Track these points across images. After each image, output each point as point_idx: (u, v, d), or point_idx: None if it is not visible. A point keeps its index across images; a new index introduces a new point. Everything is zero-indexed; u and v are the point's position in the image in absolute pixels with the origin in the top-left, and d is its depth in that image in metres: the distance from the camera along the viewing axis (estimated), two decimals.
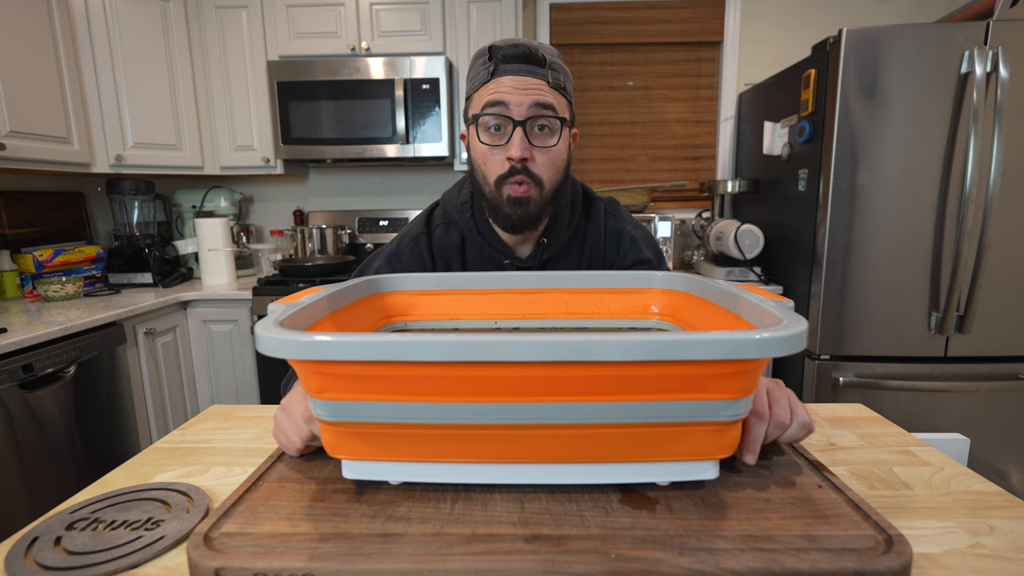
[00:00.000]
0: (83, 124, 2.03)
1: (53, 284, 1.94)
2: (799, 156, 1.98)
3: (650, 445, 0.49)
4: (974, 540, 0.50)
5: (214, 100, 2.39)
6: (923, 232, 1.76)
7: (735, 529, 0.46)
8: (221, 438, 0.76)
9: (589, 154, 2.78)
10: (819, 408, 0.85)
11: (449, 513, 0.49)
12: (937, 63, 1.68)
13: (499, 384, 0.45)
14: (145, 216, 2.33)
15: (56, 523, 0.53)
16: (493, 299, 0.80)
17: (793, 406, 0.58)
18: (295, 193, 2.82)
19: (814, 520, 0.47)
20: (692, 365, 0.43)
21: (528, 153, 0.81)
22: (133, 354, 1.89)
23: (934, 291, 1.79)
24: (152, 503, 0.57)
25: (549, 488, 0.53)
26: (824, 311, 1.85)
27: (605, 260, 0.97)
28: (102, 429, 1.74)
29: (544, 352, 0.42)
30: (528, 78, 0.81)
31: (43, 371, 1.51)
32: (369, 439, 0.50)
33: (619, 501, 0.51)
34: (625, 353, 0.41)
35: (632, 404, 0.46)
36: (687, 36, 2.64)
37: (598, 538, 0.45)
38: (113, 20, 2.08)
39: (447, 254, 0.96)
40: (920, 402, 1.85)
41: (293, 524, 0.48)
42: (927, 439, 0.79)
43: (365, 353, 0.42)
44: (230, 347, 2.22)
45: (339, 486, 0.55)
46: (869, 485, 0.60)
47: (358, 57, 2.29)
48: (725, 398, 0.46)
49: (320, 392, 0.47)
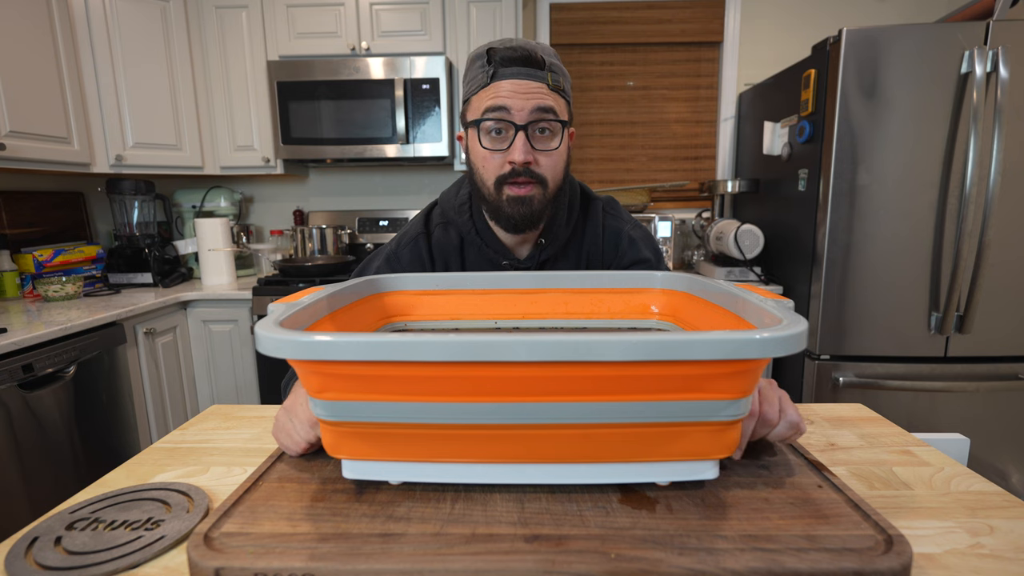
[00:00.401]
0: (83, 124, 2.03)
1: (53, 284, 1.94)
2: (799, 156, 1.98)
3: (650, 445, 0.49)
4: (974, 540, 0.50)
5: (214, 100, 2.39)
6: (923, 232, 1.76)
7: (735, 529, 0.46)
8: (221, 438, 0.76)
9: (589, 154, 2.78)
10: (819, 408, 0.85)
11: (449, 513, 0.49)
12: (937, 63, 1.68)
13: (499, 384, 0.45)
14: (145, 216, 2.33)
15: (56, 523, 0.53)
16: (493, 299, 0.80)
17: (783, 405, 0.59)
18: (295, 193, 2.82)
19: (814, 520, 0.47)
20: (692, 365, 0.43)
21: (531, 157, 0.82)
22: (133, 354, 1.89)
23: (934, 291, 1.79)
24: (152, 503, 0.57)
25: (549, 488, 0.53)
26: (824, 311, 1.85)
27: (603, 260, 0.97)
28: (102, 429, 1.74)
29: (544, 352, 0.42)
30: (528, 81, 0.80)
31: (43, 371, 1.51)
32: (369, 439, 0.50)
33: (619, 501, 0.51)
34: (625, 353, 0.41)
35: (632, 404, 0.46)
36: (687, 36, 2.64)
37: (598, 538, 0.45)
38: (113, 20, 2.08)
39: (446, 254, 0.97)
40: (920, 402, 1.85)
41: (293, 524, 0.48)
42: (927, 439, 0.79)
43: (365, 353, 0.42)
44: (230, 347, 2.22)
45: (339, 486, 0.55)
46: (869, 485, 0.60)
47: (358, 57, 2.29)
48: (725, 398, 0.46)
49: (320, 392, 0.47)
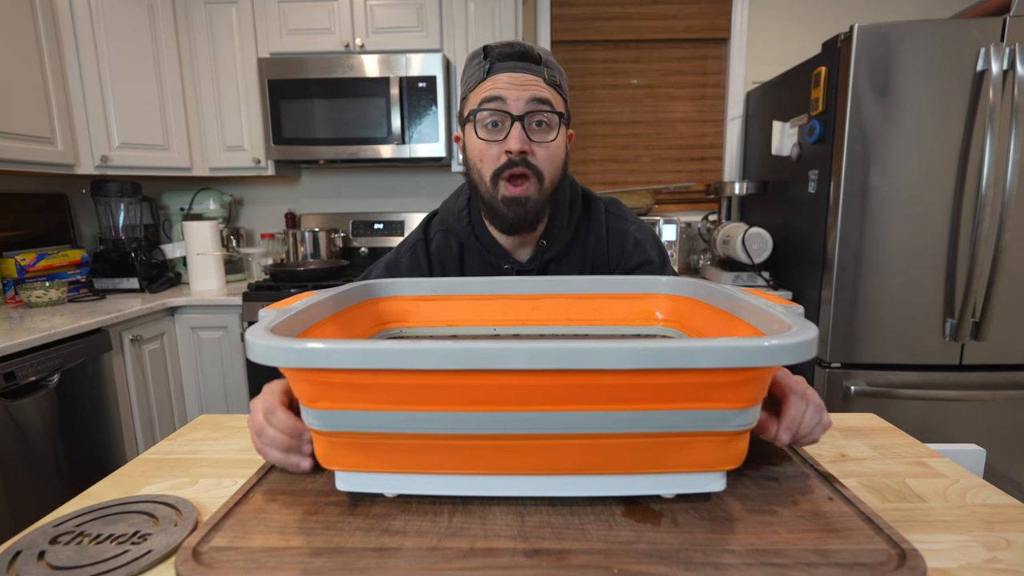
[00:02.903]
0: (67, 123, 2.04)
1: (36, 289, 1.94)
2: (809, 157, 1.99)
3: (655, 456, 0.49)
4: (990, 554, 0.50)
5: (203, 99, 2.39)
6: (937, 236, 1.77)
7: (743, 543, 0.46)
8: (210, 449, 0.76)
9: (591, 155, 2.78)
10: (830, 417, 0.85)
11: (447, 526, 0.49)
12: (952, 60, 1.68)
13: (498, 393, 0.45)
14: (131, 219, 2.33)
15: (39, 537, 0.53)
16: (492, 304, 0.80)
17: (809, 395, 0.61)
18: (287, 195, 2.83)
19: (824, 534, 0.47)
20: (698, 373, 0.43)
21: (527, 147, 0.83)
22: (119, 362, 1.88)
23: (949, 297, 1.79)
24: (139, 516, 0.57)
25: (550, 501, 0.53)
26: (835, 317, 1.85)
27: (608, 261, 0.98)
28: (87, 439, 1.74)
29: (545, 360, 0.42)
30: (525, 75, 0.83)
31: (26, 379, 1.50)
32: (364, 450, 0.50)
33: (622, 514, 0.51)
34: (629, 361, 0.42)
35: (636, 414, 0.46)
36: (693, 32, 2.65)
37: (601, 552, 0.45)
38: (98, 16, 2.09)
39: (445, 261, 0.98)
40: (934, 411, 1.85)
41: (285, 538, 0.48)
42: (941, 450, 0.79)
43: (360, 361, 0.43)
44: (219, 354, 2.22)
45: (332, 498, 0.55)
46: (881, 497, 0.60)
47: (352, 54, 2.30)
48: (732, 407, 0.46)
49: (313, 401, 0.47)
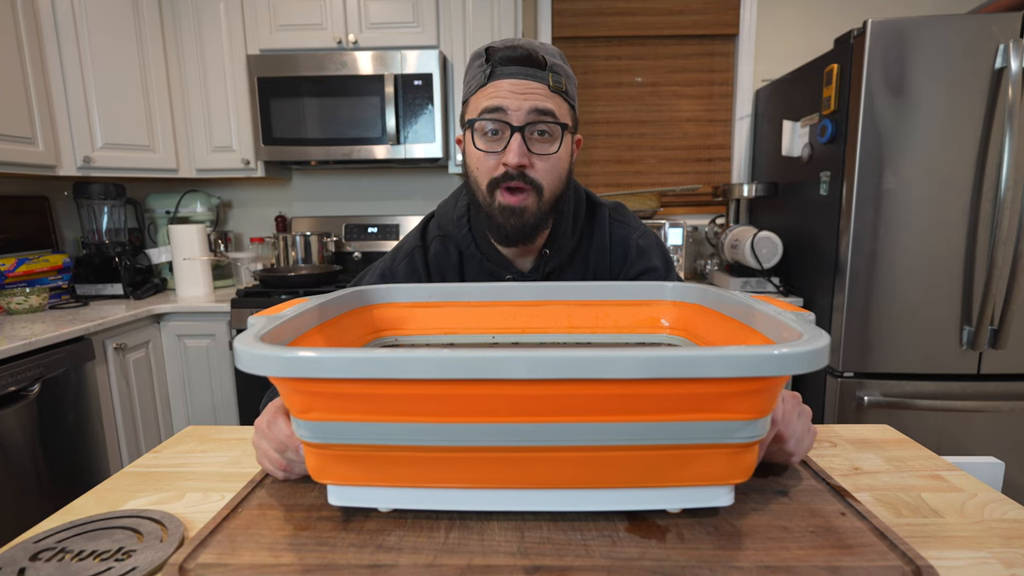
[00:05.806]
0: (48, 123, 2.04)
1: (16, 296, 1.94)
2: (820, 158, 1.99)
3: (660, 469, 0.49)
4: (1009, 572, 0.50)
5: (190, 97, 2.40)
6: (954, 240, 1.77)
7: (751, 560, 0.46)
8: (197, 462, 0.76)
9: (594, 155, 2.79)
10: (842, 429, 0.85)
11: (443, 542, 0.50)
12: (969, 57, 1.69)
13: (497, 403, 0.45)
14: (115, 222, 2.33)
15: (20, 553, 0.53)
16: (490, 312, 0.80)
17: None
18: (277, 197, 2.83)
19: (836, 550, 0.47)
20: (706, 383, 0.43)
21: (526, 160, 0.82)
22: (102, 371, 1.88)
23: (966, 303, 1.79)
24: (123, 532, 0.57)
25: (551, 516, 0.53)
26: (847, 325, 1.85)
27: (611, 271, 0.98)
28: (69, 452, 1.73)
29: (546, 369, 0.42)
30: (527, 81, 0.82)
31: (5, 389, 1.50)
32: (357, 462, 0.50)
33: (626, 530, 0.51)
34: (633, 370, 0.42)
35: (641, 425, 0.46)
36: (700, 28, 2.66)
37: (604, 569, 0.46)
38: (80, 12, 2.10)
39: (444, 270, 0.97)
40: (951, 423, 1.85)
41: (275, 555, 0.48)
42: (958, 463, 0.79)
43: (353, 370, 0.43)
44: (207, 363, 2.22)
45: (325, 513, 0.55)
46: (896, 512, 0.60)
47: (345, 51, 2.31)
48: (741, 418, 0.46)
49: (304, 412, 0.47)
